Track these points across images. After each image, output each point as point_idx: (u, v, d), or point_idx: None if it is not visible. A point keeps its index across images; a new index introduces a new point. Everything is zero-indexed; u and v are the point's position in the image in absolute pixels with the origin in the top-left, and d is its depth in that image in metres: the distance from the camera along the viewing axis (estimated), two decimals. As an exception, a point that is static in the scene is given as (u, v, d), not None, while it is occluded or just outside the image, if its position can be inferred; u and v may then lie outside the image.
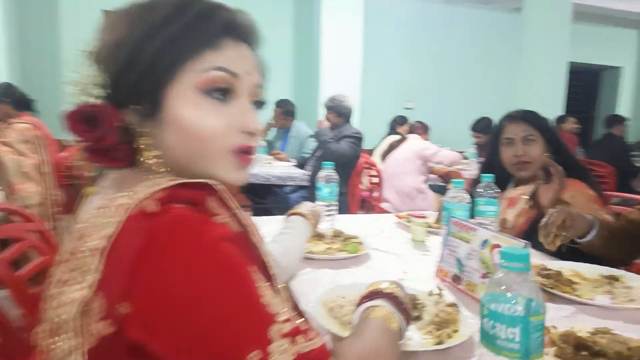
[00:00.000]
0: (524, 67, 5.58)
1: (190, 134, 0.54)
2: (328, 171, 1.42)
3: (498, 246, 0.90)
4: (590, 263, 1.14)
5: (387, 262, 1.16)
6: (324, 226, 1.35)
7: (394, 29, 5.95)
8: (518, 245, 0.86)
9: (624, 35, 7.16)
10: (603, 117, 7.54)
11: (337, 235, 1.27)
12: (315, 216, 1.15)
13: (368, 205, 3.89)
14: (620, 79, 7.35)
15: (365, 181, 3.88)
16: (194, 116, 0.53)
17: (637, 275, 1.06)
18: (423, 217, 1.35)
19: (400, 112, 5.31)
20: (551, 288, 0.96)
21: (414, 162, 3.63)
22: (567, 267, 1.12)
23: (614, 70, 7.39)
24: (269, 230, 1.22)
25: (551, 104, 5.50)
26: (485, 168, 1.70)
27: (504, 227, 1.49)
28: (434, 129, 4.81)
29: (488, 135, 4.61)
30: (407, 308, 0.63)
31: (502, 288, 0.51)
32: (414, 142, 3.71)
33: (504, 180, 1.62)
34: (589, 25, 6.70)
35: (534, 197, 1.44)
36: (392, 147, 3.81)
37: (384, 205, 3.66)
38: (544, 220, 1.10)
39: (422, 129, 3.99)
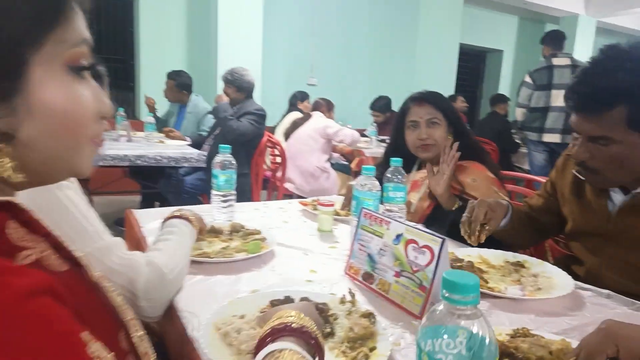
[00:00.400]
0: (420, 47, 5.78)
1: (63, 122, 0.41)
2: (225, 156, 1.24)
3: (413, 242, 0.82)
4: (491, 247, 1.13)
5: (293, 261, 1.03)
6: (221, 219, 1.18)
7: (296, 2, 5.75)
8: (435, 240, 0.79)
9: (506, 20, 7.78)
10: (487, 97, 8.22)
11: (236, 230, 1.11)
12: (198, 221, 0.98)
13: (271, 185, 3.75)
14: (502, 61, 8.01)
15: (268, 161, 3.73)
16: (67, 100, 0.41)
17: (539, 260, 1.07)
18: (330, 204, 1.25)
19: (304, 88, 5.19)
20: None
21: (317, 141, 3.55)
22: (474, 255, 1.10)
23: (497, 52, 8.02)
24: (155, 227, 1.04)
25: (444, 83, 5.80)
26: (390, 150, 1.65)
27: (408, 211, 1.46)
28: (337, 107, 4.77)
29: (387, 114, 4.70)
30: (319, 341, 0.51)
31: (444, 324, 0.40)
32: (317, 119, 3.63)
33: (408, 162, 1.59)
34: (477, 8, 7.15)
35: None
36: (296, 125, 3.68)
37: (287, 185, 3.55)
38: (465, 215, 1.06)
39: (326, 106, 3.91)
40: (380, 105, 4.63)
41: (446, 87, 5.74)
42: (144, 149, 2.47)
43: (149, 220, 1.16)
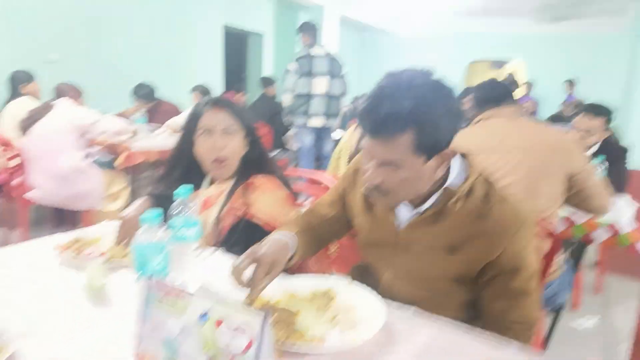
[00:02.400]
0: (184, 27, 5.37)
1: None
2: None
3: (225, 321, 0.64)
4: None
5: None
6: None
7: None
8: (253, 318, 0.62)
9: (264, 3, 8.01)
10: (253, 79, 8.42)
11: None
12: None
13: (7, 195, 2.90)
14: (263, 44, 8.27)
15: (0, 164, 2.86)
16: None
17: (343, 282, 1.04)
18: (100, 255, 0.93)
19: (40, 66, 4.16)
20: (282, 343, 0.79)
21: (68, 136, 2.89)
22: (280, 291, 0.99)
23: (257, 36, 8.23)
24: None
25: (212, 66, 5.60)
26: (173, 160, 1.41)
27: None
28: (89, 89, 4.01)
29: (151, 102, 4.22)
30: None
31: None
32: (65, 109, 2.94)
33: (193, 174, 1.38)
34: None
35: (239, 195, 1.30)
36: (35, 117, 2.90)
37: (32, 195, 2.82)
38: (234, 264, 0.91)
39: (74, 92, 3.18)
40: (144, 93, 4.11)
41: (214, 69, 5.56)
42: None
43: None
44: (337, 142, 4.86)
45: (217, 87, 5.35)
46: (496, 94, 1.80)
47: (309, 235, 1.15)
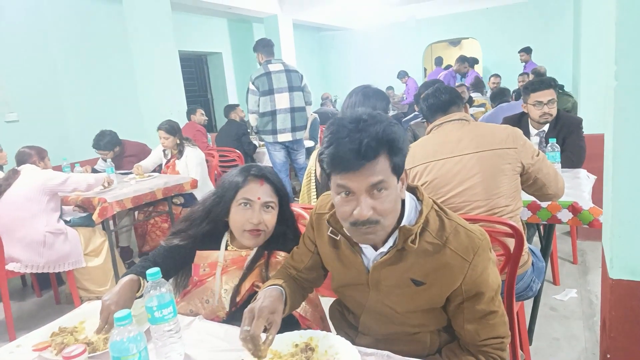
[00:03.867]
0: (137, 61, 5.33)
1: None
2: None
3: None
4: None
5: None
6: None
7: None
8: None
9: (218, 23, 8.00)
10: (219, 98, 8.39)
11: None
12: None
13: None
14: (223, 62, 8.26)
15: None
16: None
17: (322, 333, 1.08)
18: (80, 353, 0.96)
19: (1, 126, 4.13)
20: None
21: (39, 201, 2.87)
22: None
23: (217, 55, 8.22)
24: None
25: (173, 93, 5.56)
26: (200, 220, 1.39)
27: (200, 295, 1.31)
28: (52, 144, 3.96)
29: (116, 149, 4.13)
30: None
31: None
32: (31, 174, 2.92)
33: (213, 235, 1.39)
34: (186, 14, 7.08)
35: (260, 268, 1.33)
36: (2, 187, 2.87)
37: (12, 267, 2.80)
38: (244, 330, 0.96)
39: (37, 155, 3.12)
40: (105, 142, 4.01)
41: (175, 96, 5.52)
42: None
43: None
44: (309, 149, 4.94)
45: (182, 112, 5.36)
46: (443, 101, 1.86)
47: (292, 285, 1.21)
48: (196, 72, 8.07)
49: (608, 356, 1.16)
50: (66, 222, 3.14)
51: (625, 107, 1.04)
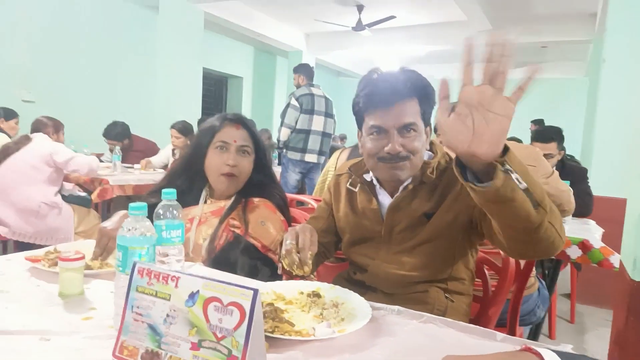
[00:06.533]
0: (160, 68, 5.46)
1: None
2: None
3: (216, 299, 0.64)
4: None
5: (21, 356, 0.68)
6: None
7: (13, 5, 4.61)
8: (244, 294, 0.62)
9: (244, 49, 8.27)
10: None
11: None
12: None
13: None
14: (242, 87, 8.47)
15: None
16: None
17: (329, 285, 1.04)
18: (77, 258, 0.91)
19: (17, 105, 4.15)
20: (271, 332, 0.77)
21: (42, 170, 2.84)
22: (265, 292, 0.98)
23: (237, 79, 8.44)
24: None
25: (190, 106, 5.66)
26: (179, 169, 1.40)
27: (186, 252, 1.25)
28: (67, 128, 3.99)
29: (125, 141, 4.18)
30: None
31: None
32: (41, 144, 2.90)
33: (193, 190, 1.37)
34: (217, 35, 7.33)
35: (237, 214, 1.30)
36: (8, 150, 2.85)
37: (0, 229, 2.71)
38: (289, 243, 0.98)
39: (53, 127, 3.13)
40: (115, 133, 4.06)
41: (192, 109, 5.62)
42: None
43: None
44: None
45: (193, 121, 5.44)
46: None
47: None
48: (215, 90, 8.25)
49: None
50: (63, 197, 3.08)
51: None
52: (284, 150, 4.34)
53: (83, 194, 3.32)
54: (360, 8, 6.46)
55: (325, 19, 6.83)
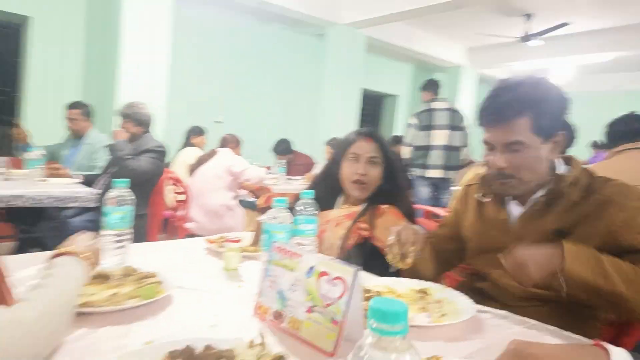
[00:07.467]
0: (326, 90, 6.04)
1: None
2: (120, 191, 1.12)
3: (326, 274, 0.79)
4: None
5: (195, 305, 0.94)
6: (111, 263, 1.05)
7: (204, 40, 5.74)
8: (347, 270, 0.76)
9: (403, 68, 8.49)
10: (386, 138, 8.73)
11: (128, 274, 0.99)
12: (94, 255, 0.86)
13: (171, 226, 3.52)
14: (397, 105, 8.67)
15: (171, 199, 3.52)
16: None
17: (441, 286, 1.10)
18: (237, 240, 1.18)
19: (211, 125, 5.09)
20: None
21: (224, 179, 3.45)
22: (381, 285, 1.10)
23: (393, 97, 8.67)
24: (31, 274, 0.87)
25: (347, 125, 6.08)
26: (320, 178, 1.64)
27: (320, 244, 1.44)
28: (244, 144, 4.76)
29: (289, 155, 4.80)
30: None
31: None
32: (224, 156, 3.54)
33: (331, 196, 1.57)
34: (378, 56, 7.70)
35: (366, 219, 1.44)
36: (201, 161, 3.55)
37: (189, 225, 3.37)
38: (393, 238, 1.10)
39: (234, 143, 3.83)
40: (282, 149, 4.79)
41: (349, 128, 6.04)
42: (22, 187, 2.17)
43: (22, 267, 0.99)
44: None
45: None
46: (631, 129, 1.74)
47: (427, 252, 1.27)
48: (371, 109, 8.61)
49: None
50: (239, 201, 3.67)
51: None
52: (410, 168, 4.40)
53: (253, 199, 3.89)
54: (528, 17, 6.08)
55: (490, 31, 6.59)
